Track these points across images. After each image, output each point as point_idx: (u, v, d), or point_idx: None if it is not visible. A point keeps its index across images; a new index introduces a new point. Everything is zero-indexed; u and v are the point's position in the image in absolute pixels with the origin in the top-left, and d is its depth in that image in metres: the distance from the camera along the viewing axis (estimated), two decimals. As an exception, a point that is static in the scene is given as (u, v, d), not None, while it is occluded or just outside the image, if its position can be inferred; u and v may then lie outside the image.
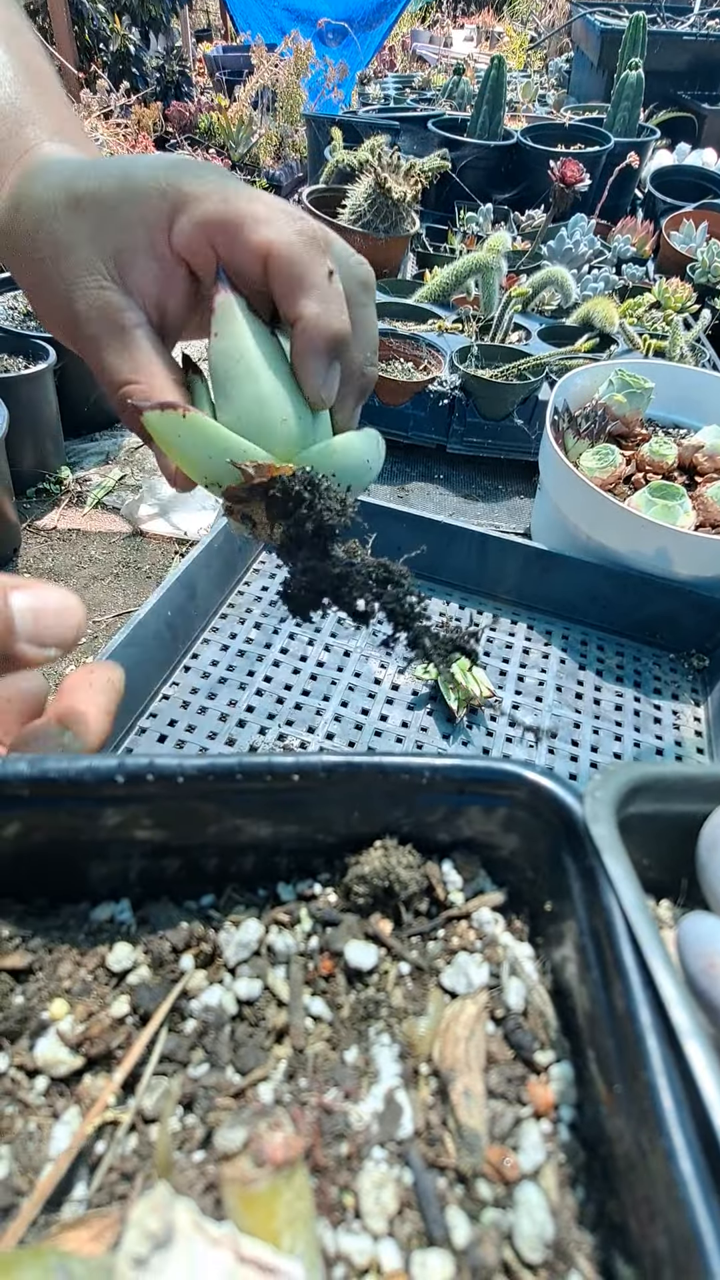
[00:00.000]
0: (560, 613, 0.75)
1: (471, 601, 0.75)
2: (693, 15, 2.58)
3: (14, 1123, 0.22)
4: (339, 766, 0.26)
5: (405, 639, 0.34)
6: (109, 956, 0.25)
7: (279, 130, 3.30)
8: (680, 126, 2.31)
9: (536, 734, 0.53)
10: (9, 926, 0.25)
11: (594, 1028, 0.23)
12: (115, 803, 0.25)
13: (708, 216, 1.56)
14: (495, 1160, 0.22)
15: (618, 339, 1.19)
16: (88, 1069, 0.23)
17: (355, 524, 0.34)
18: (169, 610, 0.62)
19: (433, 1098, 0.23)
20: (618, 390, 0.85)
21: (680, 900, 0.30)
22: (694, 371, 0.94)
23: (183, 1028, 0.24)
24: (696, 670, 0.72)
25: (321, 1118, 0.22)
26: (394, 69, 3.65)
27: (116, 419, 2.26)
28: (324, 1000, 0.25)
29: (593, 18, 2.43)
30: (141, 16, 3.68)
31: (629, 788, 0.26)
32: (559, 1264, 0.20)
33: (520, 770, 0.26)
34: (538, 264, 1.44)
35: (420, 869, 0.27)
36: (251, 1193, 0.20)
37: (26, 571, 1.80)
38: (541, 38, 3.75)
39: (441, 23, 4.82)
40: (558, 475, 0.76)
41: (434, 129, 1.99)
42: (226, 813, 0.26)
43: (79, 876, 0.26)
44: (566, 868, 0.25)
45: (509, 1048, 0.24)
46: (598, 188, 1.70)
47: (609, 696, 0.68)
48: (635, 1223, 0.20)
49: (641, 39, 1.97)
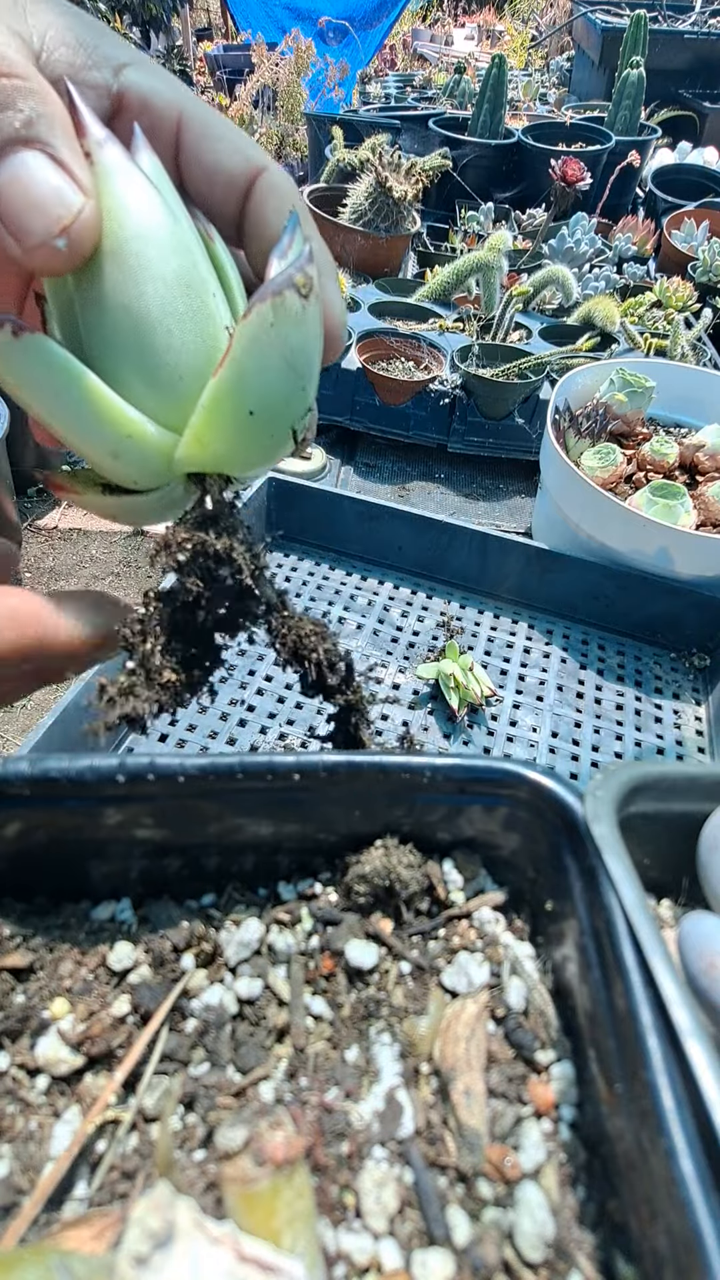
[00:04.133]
0: (561, 612, 0.75)
1: (472, 601, 0.75)
2: (694, 14, 2.57)
3: (15, 1122, 0.22)
4: (340, 766, 0.26)
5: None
6: (110, 955, 0.25)
7: (280, 129, 3.29)
8: (681, 125, 2.31)
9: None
10: (10, 925, 0.25)
11: (595, 1027, 0.23)
12: (116, 802, 0.25)
13: (709, 215, 1.56)
14: (496, 1159, 0.22)
15: (619, 338, 1.19)
16: (89, 1068, 0.23)
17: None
18: (170, 609, 0.62)
19: (433, 1097, 0.23)
20: (619, 389, 0.85)
21: (681, 900, 0.30)
22: (695, 370, 0.94)
23: (183, 1027, 0.24)
24: (697, 669, 0.72)
25: (322, 1117, 0.22)
26: (395, 68, 3.65)
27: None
28: (325, 999, 0.25)
29: (594, 16, 2.43)
30: (142, 15, 3.68)
31: (630, 787, 0.26)
32: (560, 1263, 0.20)
33: (521, 770, 0.26)
34: (539, 263, 1.44)
35: (421, 868, 0.27)
36: (252, 1192, 0.20)
37: (28, 571, 1.81)
38: (542, 36, 3.75)
39: (442, 21, 4.82)
40: (559, 474, 0.76)
41: (435, 128, 1.99)
42: (227, 812, 0.26)
43: (80, 875, 0.26)
44: (567, 867, 0.25)
45: (510, 1047, 0.24)
46: (599, 186, 1.69)
47: (610, 696, 0.68)
48: (636, 1222, 0.20)
49: (643, 37, 1.97)
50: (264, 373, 0.21)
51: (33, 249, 0.20)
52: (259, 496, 0.74)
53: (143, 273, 0.21)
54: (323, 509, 0.76)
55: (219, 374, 0.21)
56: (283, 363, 0.21)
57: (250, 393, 0.21)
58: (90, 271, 0.21)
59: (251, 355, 0.20)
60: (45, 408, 0.21)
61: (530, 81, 2.80)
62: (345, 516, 0.75)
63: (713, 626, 0.70)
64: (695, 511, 0.75)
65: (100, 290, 0.21)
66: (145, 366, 0.21)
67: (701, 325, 1.18)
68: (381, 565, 0.77)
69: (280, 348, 0.21)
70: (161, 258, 0.21)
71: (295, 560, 0.76)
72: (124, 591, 1.80)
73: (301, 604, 0.71)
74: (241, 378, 0.21)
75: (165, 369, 0.21)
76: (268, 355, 0.21)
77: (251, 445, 0.22)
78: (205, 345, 0.22)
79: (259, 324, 0.20)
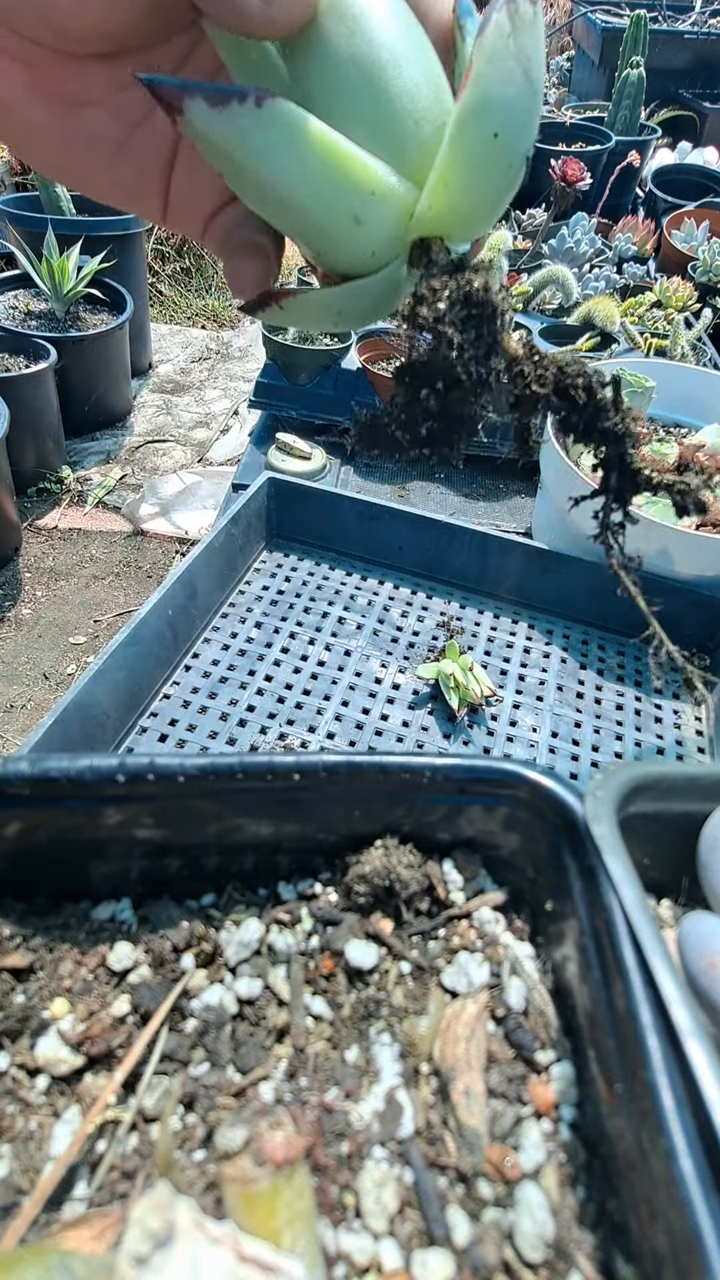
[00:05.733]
0: (561, 612, 0.75)
1: (472, 601, 0.75)
2: (694, 14, 2.57)
3: (15, 1122, 0.22)
4: (340, 766, 0.26)
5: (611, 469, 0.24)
6: (110, 955, 0.25)
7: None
8: (681, 125, 2.31)
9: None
10: (10, 925, 0.25)
11: (595, 1027, 0.23)
12: (116, 802, 0.25)
13: (709, 215, 1.56)
14: (496, 1159, 0.22)
15: (619, 338, 1.19)
16: (88, 1068, 0.23)
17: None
18: (170, 609, 0.62)
19: (433, 1097, 0.23)
20: (619, 389, 0.85)
21: (681, 900, 0.30)
22: (695, 370, 0.94)
23: (183, 1027, 0.24)
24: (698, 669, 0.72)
25: (322, 1117, 0.22)
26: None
27: (117, 418, 2.27)
28: (325, 999, 0.25)
29: (594, 16, 2.43)
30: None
31: (630, 787, 0.26)
32: (559, 1263, 0.20)
33: (521, 770, 0.26)
34: (539, 263, 1.44)
35: (421, 868, 0.27)
36: (252, 1192, 0.20)
37: (27, 571, 1.81)
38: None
39: (442, 21, 4.81)
40: (559, 474, 0.76)
41: (435, 128, 1.98)
42: (227, 812, 0.26)
43: (80, 875, 0.26)
44: (567, 867, 0.25)
45: (509, 1047, 0.24)
46: (599, 186, 1.69)
47: (610, 696, 0.68)
48: (636, 1222, 0.20)
49: (643, 37, 1.97)
50: (507, 85, 0.20)
51: (277, 15, 0.19)
52: (259, 497, 0.74)
53: (367, 21, 0.20)
54: (323, 509, 0.76)
55: (463, 95, 0.20)
56: (522, 74, 0.20)
57: (495, 111, 0.20)
58: (309, 32, 0.20)
59: (495, 67, 0.19)
60: (287, 181, 0.20)
61: (530, 81, 2.79)
62: (345, 516, 0.75)
63: (713, 626, 0.70)
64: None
65: (324, 48, 0.20)
66: (382, 118, 0.20)
67: (701, 325, 1.18)
68: (381, 565, 0.77)
69: (519, 57, 0.20)
70: (377, 1, 0.20)
71: (295, 560, 0.76)
72: (124, 592, 1.80)
73: (302, 604, 0.71)
74: (487, 95, 0.20)
75: (402, 116, 0.20)
76: (509, 67, 0.20)
77: (493, 177, 0.21)
78: (433, 84, 0.21)
79: (497, 35, 0.19)
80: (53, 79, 0.24)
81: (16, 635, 1.67)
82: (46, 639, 1.67)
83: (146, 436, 2.25)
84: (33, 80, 0.24)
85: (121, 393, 2.23)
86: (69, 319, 2.03)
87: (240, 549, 0.73)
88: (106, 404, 2.19)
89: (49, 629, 1.70)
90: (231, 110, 0.19)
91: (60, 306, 2.00)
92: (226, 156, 0.20)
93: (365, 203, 0.20)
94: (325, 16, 0.20)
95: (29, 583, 1.79)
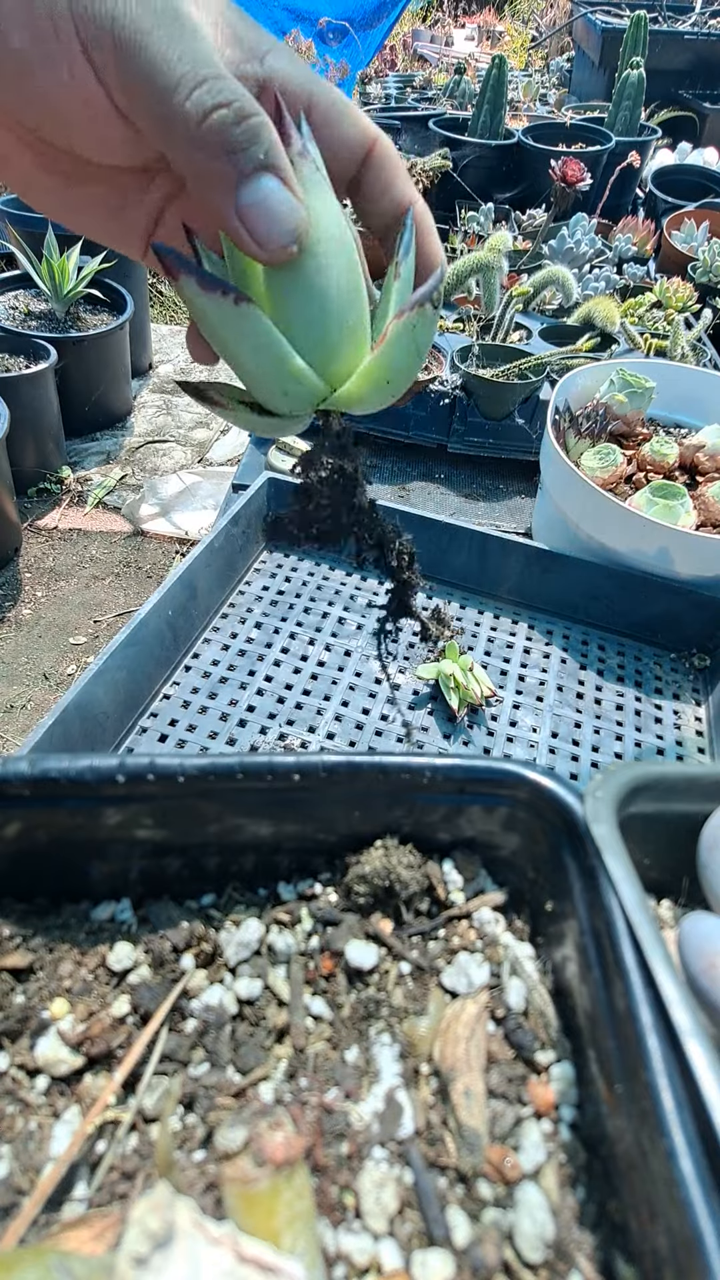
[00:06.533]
0: (561, 612, 0.75)
1: (472, 601, 0.75)
2: (694, 14, 2.57)
3: (15, 1122, 0.22)
4: (340, 766, 0.26)
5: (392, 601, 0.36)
6: (110, 956, 0.25)
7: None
8: (681, 126, 2.31)
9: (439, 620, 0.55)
10: (10, 926, 0.25)
11: (595, 1027, 0.23)
12: (116, 802, 0.25)
13: (709, 216, 1.56)
14: (496, 1160, 0.22)
15: (619, 338, 1.19)
16: (88, 1068, 0.23)
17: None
18: (170, 610, 0.62)
19: (433, 1097, 0.23)
20: (619, 390, 0.85)
21: (681, 900, 0.30)
22: (695, 371, 0.94)
23: (183, 1027, 0.24)
24: (697, 670, 0.72)
25: (322, 1117, 0.22)
26: (395, 68, 3.65)
27: (117, 418, 2.27)
28: (324, 1000, 0.25)
29: (594, 17, 2.43)
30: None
31: (630, 787, 0.26)
32: (560, 1264, 0.20)
33: (521, 770, 0.26)
34: (539, 263, 1.44)
35: (421, 868, 0.27)
36: (252, 1192, 0.20)
37: (27, 571, 1.81)
38: (543, 37, 3.75)
39: (442, 22, 4.82)
40: (559, 475, 0.76)
41: (435, 128, 1.98)
42: (227, 812, 0.26)
43: (80, 876, 0.26)
44: (567, 867, 0.25)
45: (509, 1047, 0.24)
46: (599, 187, 1.69)
47: (610, 696, 0.68)
48: (636, 1222, 0.20)
49: (643, 38, 1.97)
50: (403, 357, 0.29)
51: (274, 251, 0.26)
52: (259, 497, 0.74)
53: (330, 265, 0.27)
54: (323, 509, 0.76)
55: (374, 355, 0.29)
56: (415, 349, 0.29)
57: (390, 369, 0.29)
58: (290, 261, 0.27)
59: (396, 346, 0.29)
60: (239, 352, 0.28)
61: (530, 82, 2.80)
62: (345, 517, 0.75)
63: (713, 626, 0.70)
64: (695, 512, 0.75)
65: (296, 276, 0.27)
66: (319, 337, 0.28)
67: (701, 326, 1.18)
68: (381, 565, 0.77)
69: (416, 340, 0.29)
70: (340, 251, 0.28)
71: (295, 560, 0.76)
72: (124, 592, 1.80)
73: (302, 604, 0.71)
74: (388, 359, 0.29)
75: (333, 340, 0.29)
76: (407, 345, 0.29)
77: (380, 398, 0.31)
78: (361, 322, 0.29)
79: (405, 324, 0.28)
80: (60, 162, 0.28)
81: (16, 635, 1.67)
82: (46, 639, 1.67)
83: (147, 437, 2.25)
84: (40, 161, 0.29)
85: (121, 393, 2.23)
86: (69, 319, 2.03)
87: (240, 549, 0.73)
88: (107, 404, 2.19)
89: (49, 629, 1.70)
90: (215, 296, 0.26)
91: (60, 307, 2.00)
92: (203, 318, 0.27)
93: (293, 386, 0.29)
94: (304, 253, 0.27)
95: (29, 583, 1.79)
